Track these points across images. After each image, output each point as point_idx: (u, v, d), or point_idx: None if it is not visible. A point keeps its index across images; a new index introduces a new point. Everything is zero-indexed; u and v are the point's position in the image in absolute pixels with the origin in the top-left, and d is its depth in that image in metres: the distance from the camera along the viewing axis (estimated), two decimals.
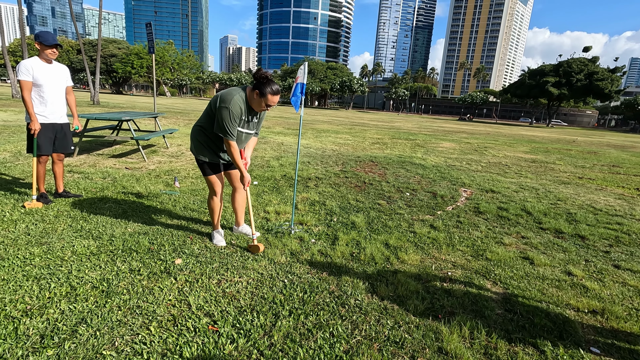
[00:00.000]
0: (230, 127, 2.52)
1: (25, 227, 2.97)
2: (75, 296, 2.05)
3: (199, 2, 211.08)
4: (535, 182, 6.67)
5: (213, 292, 2.21)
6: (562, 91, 54.49)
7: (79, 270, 2.34)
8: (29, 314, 1.87)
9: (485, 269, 2.81)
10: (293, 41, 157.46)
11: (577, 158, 11.39)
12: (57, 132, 3.62)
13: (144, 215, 3.44)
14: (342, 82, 76.10)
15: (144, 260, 2.55)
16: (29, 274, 2.24)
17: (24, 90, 3.32)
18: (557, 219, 4.33)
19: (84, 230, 2.99)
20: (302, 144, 9.91)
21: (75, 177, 4.70)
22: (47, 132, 3.52)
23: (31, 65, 3.34)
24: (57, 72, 3.54)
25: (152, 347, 1.70)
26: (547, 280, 2.69)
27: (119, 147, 7.32)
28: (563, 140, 21.40)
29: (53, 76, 3.49)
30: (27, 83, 3.33)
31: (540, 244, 3.47)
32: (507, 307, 2.29)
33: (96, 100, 22.77)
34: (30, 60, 3.35)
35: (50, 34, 3.39)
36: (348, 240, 3.19)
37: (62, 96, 3.63)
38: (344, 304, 2.19)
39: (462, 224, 3.91)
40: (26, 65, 3.31)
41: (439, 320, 2.08)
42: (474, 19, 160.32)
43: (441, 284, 2.53)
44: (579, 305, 2.36)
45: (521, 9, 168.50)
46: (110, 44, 64.60)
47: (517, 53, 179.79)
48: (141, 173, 5.23)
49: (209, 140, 2.72)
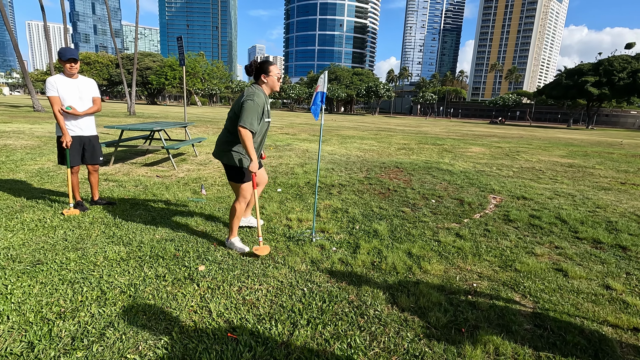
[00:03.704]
0: (253, 118, 2.67)
1: (63, 233, 3.16)
2: (105, 300, 2.16)
3: (228, 14, 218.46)
4: (572, 188, 6.32)
5: (233, 299, 2.25)
6: (602, 91, 51.50)
7: (109, 275, 2.46)
8: (62, 316, 1.98)
9: (513, 281, 2.68)
10: (319, 48, 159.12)
11: (620, 162, 10.68)
12: (85, 144, 3.79)
13: (172, 222, 3.57)
14: (368, 88, 75.86)
15: (169, 266, 2.64)
16: (64, 278, 2.38)
17: (53, 105, 3.52)
18: (595, 227, 4.07)
19: (115, 237, 3.15)
20: (327, 151, 9.94)
21: (110, 185, 4.96)
22: (74, 145, 3.69)
23: (54, 80, 3.51)
24: (81, 86, 3.64)
25: (173, 352, 1.75)
26: (582, 294, 2.53)
27: (152, 155, 7.66)
28: (604, 142, 20.16)
29: (76, 90, 3.61)
30: (55, 98, 3.51)
31: (575, 254, 3.27)
32: (537, 322, 2.17)
33: (132, 111, 23.99)
34: (55, 77, 3.53)
35: (68, 49, 3.48)
36: (369, 249, 3.15)
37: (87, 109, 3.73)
38: (363, 314, 2.17)
39: (490, 232, 3.76)
40: (50, 82, 3.50)
41: (462, 335, 2.00)
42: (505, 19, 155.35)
43: (465, 295, 2.44)
44: (617, 322, 2.19)
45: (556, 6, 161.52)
46: (146, 57, 68.05)
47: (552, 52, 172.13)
48: (171, 181, 5.44)
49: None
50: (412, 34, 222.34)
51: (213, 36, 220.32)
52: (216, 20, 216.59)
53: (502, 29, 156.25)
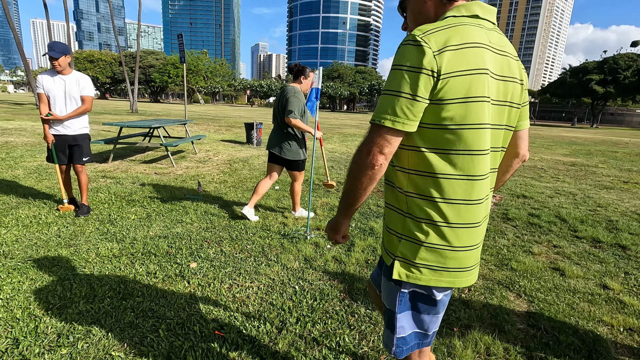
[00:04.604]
0: (299, 110, 3.28)
1: (57, 230, 3.15)
2: (94, 297, 2.14)
3: (231, 12, 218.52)
4: (573, 187, 6.25)
5: (223, 296, 2.23)
6: (607, 89, 51.04)
7: (100, 272, 2.45)
8: (49, 313, 1.97)
9: (509, 280, 2.65)
10: (322, 46, 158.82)
11: (624, 161, 10.57)
12: (70, 142, 3.58)
13: (166, 219, 3.56)
14: (371, 86, 75.66)
15: (161, 263, 2.62)
16: (55, 275, 2.37)
17: (39, 102, 3.42)
18: (595, 226, 4.02)
19: (109, 233, 3.14)
20: (328, 149, 9.90)
21: (107, 182, 4.96)
22: (59, 143, 3.55)
23: (41, 78, 3.38)
24: (67, 84, 3.43)
25: (159, 350, 1.73)
26: (578, 294, 2.49)
27: (151, 153, 7.66)
28: (609, 141, 19.98)
29: (62, 88, 3.41)
30: (41, 95, 3.40)
31: (573, 253, 3.23)
32: (531, 322, 2.13)
33: (134, 109, 24.05)
34: (43, 74, 3.43)
35: (49, 46, 3.27)
36: (364, 247, 3.13)
37: (74, 108, 3.51)
38: (353, 312, 2.14)
39: (487, 230, 3.72)
40: (38, 79, 3.39)
41: (454, 334, 1.97)
42: (509, 16, 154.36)
43: (459, 294, 2.41)
44: (613, 322, 2.16)
45: (561, 4, 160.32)
46: (149, 55, 68.15)
47: (557, 50, 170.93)
48: (168, 178, 5.43)
49: (299, 140, 3.49)
50: None
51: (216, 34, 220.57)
52: (219, 18, 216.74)
53: (506, 26, 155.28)
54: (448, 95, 0.84)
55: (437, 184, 0.91)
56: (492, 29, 0.92)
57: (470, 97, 0.85)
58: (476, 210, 0.95)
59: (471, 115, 0.86)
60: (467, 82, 0.84)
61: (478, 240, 0.99)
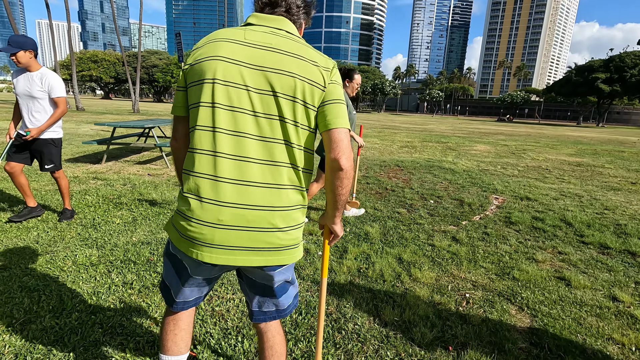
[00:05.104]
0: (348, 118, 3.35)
1: (36, 235, 3.02)
2: (62, 310, 1.99)
3: (234, 11, 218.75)
4: (579, 189, 6.04)
5: (202, 310, 2.08)
6: (613, 88, 50.44)
7: (73, 282, 2.30)
8: (11, 329, 1.82)
9: (510, 291, 2.47)
10: (325, 46, 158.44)
11: (631, 161, 10.31)
12: (30, 145, 3.26)
13: (153, 224, 3.41)
14: (374, 85, 75.31)
15: (139, 272, 2.47)
16: (24, 285, 2.23)
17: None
18: (602, 231, 3.82)
19: (90, 239, 2.99)
20: None
21: (97, 184, 4.83)
22: (18, 142, 3.21)
23: (15, 74, 3.11)
24: (30, 82, 3.06)
25: None
26: (585, 307, 2.31)
27: (147, 153, 7.53)
28: (615, 141, 19.65)
29: (25, 86, 3.07)
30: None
31: (580, 261, 3.04)
32: (534, 339, 1.96)
33: (136, 109, 24.01)
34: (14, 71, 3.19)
35: (12, 37, 2.94)
36: (357, 254, 2.96)
37: (36, 108, 3.12)
38: (340, 329, 1.98)
39: (489, 236, 3.54)
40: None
41: (448, 353, 1.80)
42: (514, 15, 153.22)
43: (456, 307, 2.24)
44: (624, 339, 1.98)
45: (567, 2, 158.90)
46: (152, 55, 68.34)
47: (563, 49, 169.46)
48: (161, 180, 5.29)
49: None
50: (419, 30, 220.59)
51: None
52: (222, 18, 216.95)
53: (511, 25, 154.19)
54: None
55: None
56: (262, 31, 1.04)
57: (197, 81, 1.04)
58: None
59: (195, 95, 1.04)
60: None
61: None
